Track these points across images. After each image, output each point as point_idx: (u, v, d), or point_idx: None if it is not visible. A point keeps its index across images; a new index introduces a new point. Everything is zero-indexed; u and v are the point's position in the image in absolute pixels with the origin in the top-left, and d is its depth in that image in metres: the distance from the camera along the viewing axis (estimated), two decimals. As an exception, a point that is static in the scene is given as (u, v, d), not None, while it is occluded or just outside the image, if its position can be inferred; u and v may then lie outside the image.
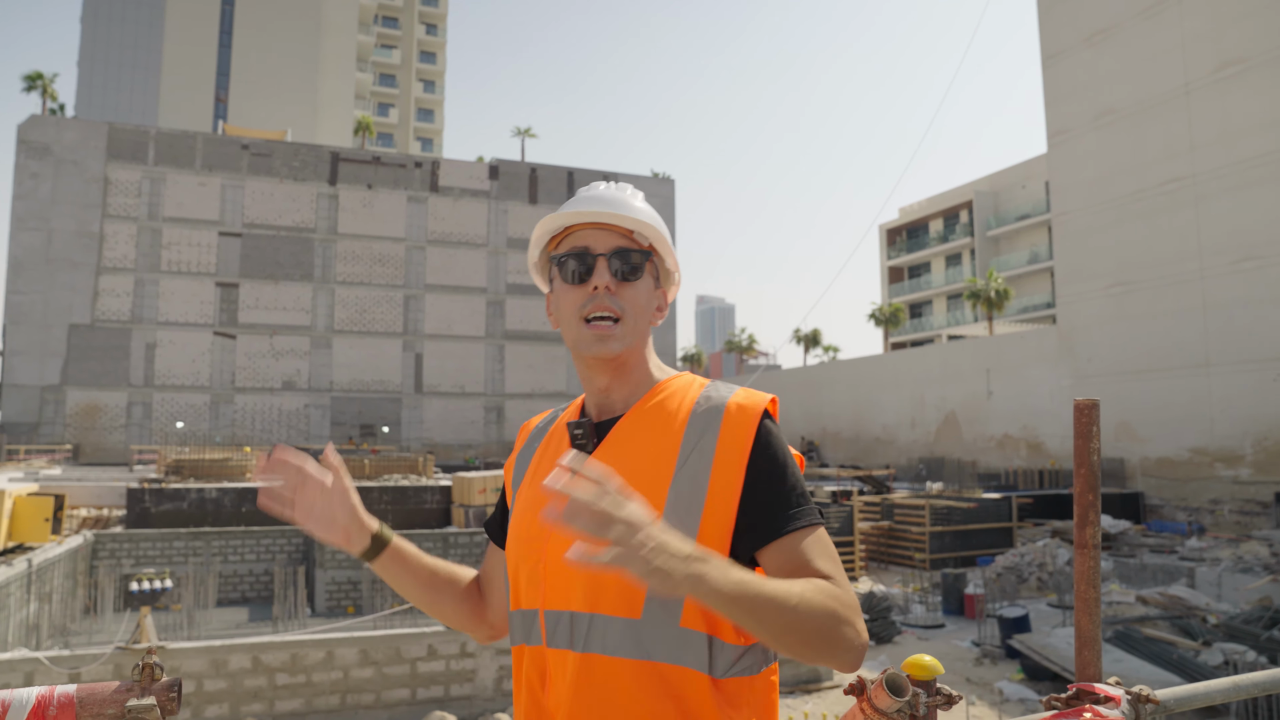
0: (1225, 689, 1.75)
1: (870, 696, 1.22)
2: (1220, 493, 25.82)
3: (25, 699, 0.96)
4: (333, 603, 18.58)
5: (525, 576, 1.34)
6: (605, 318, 1.35)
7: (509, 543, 1.41)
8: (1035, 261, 48.14)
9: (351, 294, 45.67)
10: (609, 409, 1.40)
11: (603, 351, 1.34)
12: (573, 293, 1.37)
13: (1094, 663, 1.50)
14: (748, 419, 1.29)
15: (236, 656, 9.31)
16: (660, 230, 1.41)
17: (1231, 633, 12.75)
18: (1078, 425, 1.51)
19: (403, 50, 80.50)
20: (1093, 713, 1.33)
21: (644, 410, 1.36)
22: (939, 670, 1.24)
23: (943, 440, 37.58)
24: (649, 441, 1.31)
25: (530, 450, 1.49)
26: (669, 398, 1.36)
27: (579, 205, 1.39)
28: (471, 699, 10.11)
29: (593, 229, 1.39)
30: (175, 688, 1.04)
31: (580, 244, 1.38)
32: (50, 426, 39.86)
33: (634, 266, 1.38)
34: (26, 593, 13.59)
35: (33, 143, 41.05)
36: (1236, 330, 25.77)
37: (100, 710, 1.00)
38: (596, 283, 1.35)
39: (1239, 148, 25.90)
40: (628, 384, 1.39)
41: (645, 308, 1.39)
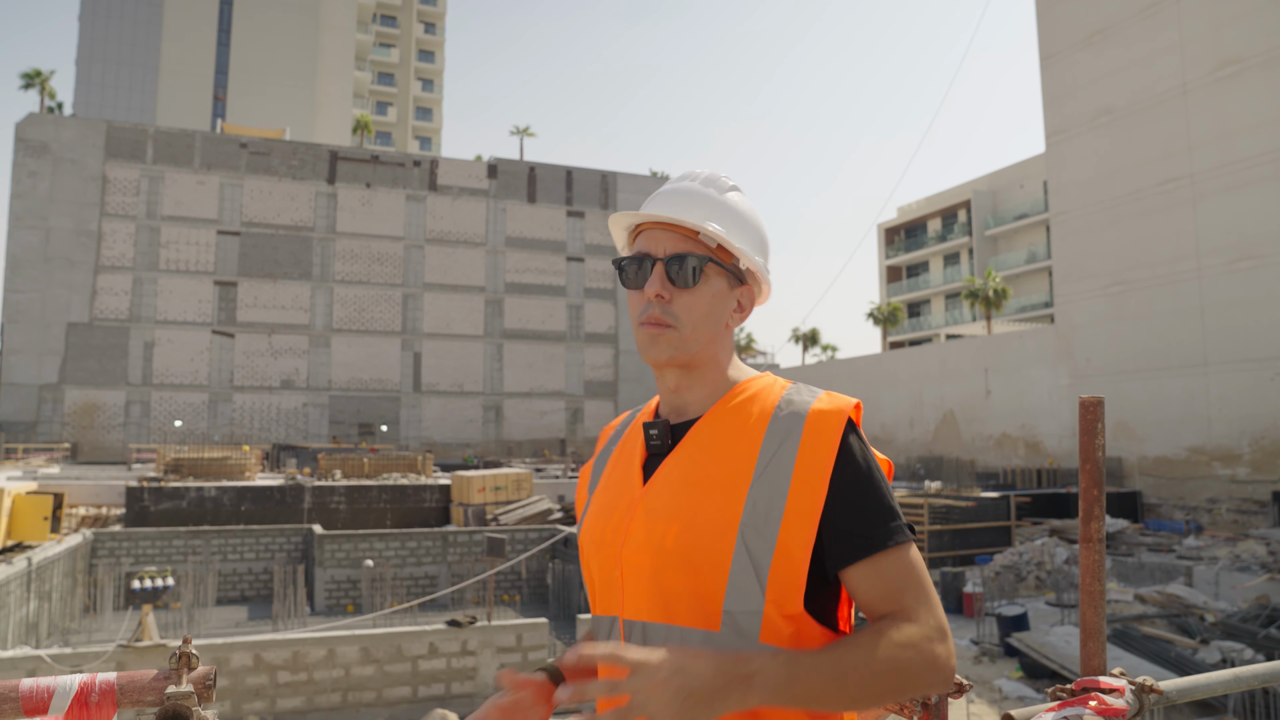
0: (1226, 680, 1.79)
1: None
2: (1218, 492, 25.89)
3: (69, 685, 0.99)
4: (332, 601, 18.60)
5: (601, 581, 1.31)
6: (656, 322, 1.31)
7: (584, 547, 1.37)
8: (1033, 261, 48.20)
9: (350, 293, 45.67)
10: (682, 410, 1.34)
11: (653, 355, 1.31)
12: (634, 297, 1.34)
13: (1099, 654, 1.53)
14: (831, 428, 1.23)
15: (238, 654, 9.33)
16: (737, 228, 1.34)
17: (1229, 631, 12.80)
18: (1083, 422, 1.54)
19: (401, 49, 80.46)
20: (1098, 700, 1.36)
21: (722, 413, 1.30)
22: (949, 660, 1.27)
23: (941, 439, 37.64)
24: (726, 445, 1.25)
25: (607, 453, 1.45)
26: (749, 400, 1.30)
27: (652, 203, 1.36)
28: (473, 697, 10.14)
29: (659, 229, 1.34)
30: (211, 677, 1.07)
31: (643, 247, 1.34)
32: (48, 425, 39.84)
33: (690, 272, 1.30)
34: (26, 591, 13.59)
35: (31, 141, 41.02)
36: (1234, 329, 25.83)
37: (140, 697, 1.03)
38: (649, 290, 1.30)
39: (1236, 147, 25.96)
40: (700, 385, 1.34)
41: (708, 314, 1.32)
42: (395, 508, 24.20)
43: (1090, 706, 1.37)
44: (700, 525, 1.20)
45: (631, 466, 1.34)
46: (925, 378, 39.16)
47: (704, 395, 1.33)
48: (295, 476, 26.69)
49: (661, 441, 1.31)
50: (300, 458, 33.39)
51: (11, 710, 0.98)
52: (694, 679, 1.02)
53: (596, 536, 1.32)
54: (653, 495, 1.27)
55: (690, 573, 1.19)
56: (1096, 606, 1.55)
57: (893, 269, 60.93)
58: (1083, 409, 1.54)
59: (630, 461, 1.35)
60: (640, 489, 1.29)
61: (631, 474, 1.33)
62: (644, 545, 1.24)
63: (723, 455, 1.25)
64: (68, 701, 0.99)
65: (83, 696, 1.00)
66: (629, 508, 1.29)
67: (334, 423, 44.49)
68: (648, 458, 1.33)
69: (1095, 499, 1.55)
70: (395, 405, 45.85)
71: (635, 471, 1.32)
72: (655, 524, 1.24)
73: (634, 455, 1.35)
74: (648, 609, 1.23)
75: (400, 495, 24.48)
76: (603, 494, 1.37)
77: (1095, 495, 1.55)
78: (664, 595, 1.22)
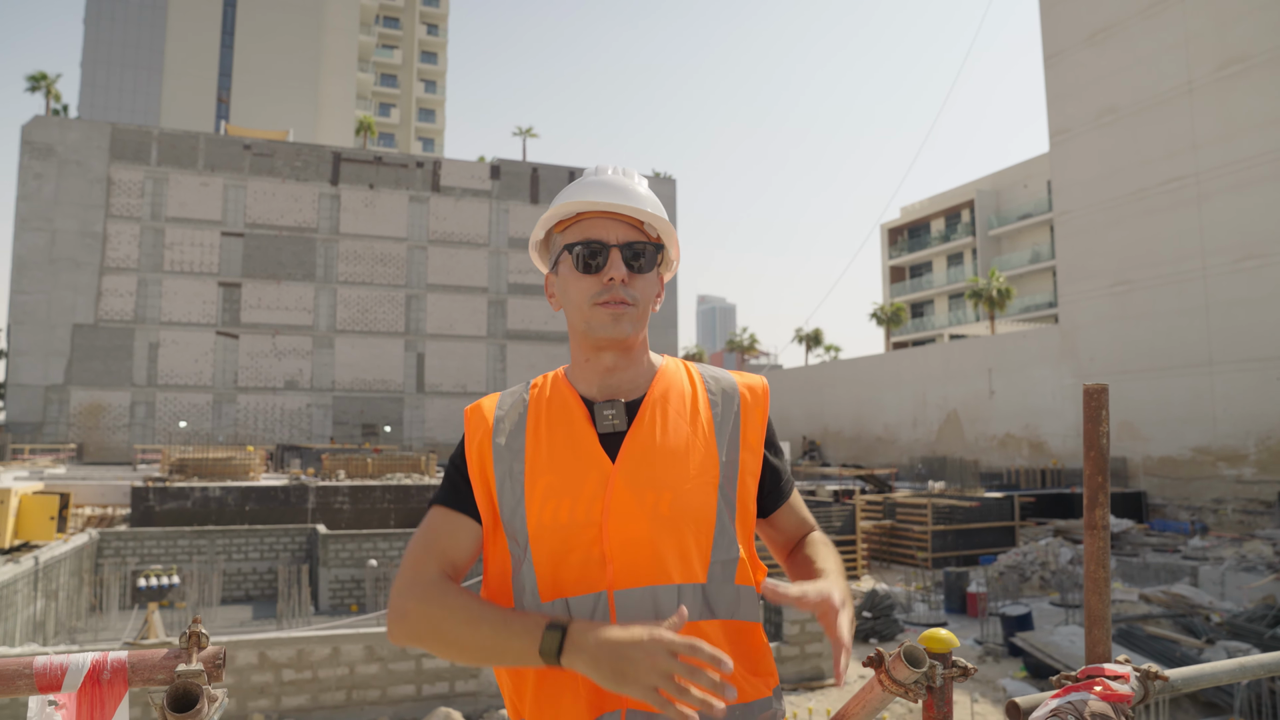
0: (1231, 670, 1.79)
1: (889, 668, 1.26)
2: (1223, 492, 25.83)
3: (81, 663, 1.00)
4: (336, 600, 18.62)
5: (576, 562, 1.31)
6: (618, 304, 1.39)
7: (536, 533, 1.33)
8: (1037, 261, 48.14)
9: (353, 294, 45.72)
10: (611, 390, 1.43)
11: (616, 332, 1.38)
12: (584, 281, 1.39)
13: (1104, 641, 1.53)
14: (761, 401, 1.48)
15: (243, 653, 9.35)
16: (667, 221, 1.44)
17: (1235, 631, 12.77)
18: (1087, 409, 1.55)
19: (404, 50, 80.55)
20: (1103, 685, 1.36)
21: (663, 392, 1.43)
22: (955, 644, 1.28)
23: (945, 440, 37.60)
24: (682, 422, 1.40)
25: (515, 433, 1.42)
26: (677, 380, 1.47)
27: (589, 192, 1.39)
28: (476, 695, 10.15)
29: (604, 218, 1.40)
30: (220, 657, 1.08)
31: (593, 234, 1.40)
32: (54, 426, 39.93)
33: (645, 259, 1.41)
34: (33, 590, 13.64)
35: (36, 143, 41.12)
36: (1239, 329, 25.78)
37: (150, 675, 1.04)
38: (612, 274, 1.37)
39: (1241, 146, 25.90)
40: (632, 366, 1.44)
41: (651, 295, 1.44)
42: (399, 508, 24.21)
43: (1095, 692, 1.38)
44: (689, 490, 1.34)
45: (586, 445, 1.38)
46: (929, 378, 39.12)
47: (635, 375, 1.45)
48: (299, 477, 26.73)
49: (619, 420, 1.39)
50: (304, 458, 33.43)
51: (26, 686, 0.99)
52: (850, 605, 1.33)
53: (564, 518, 1.32)
54: (630, 469, 1.34)
55: (687, 533, 1.33)
56: (1101, 594, 1.55)
57: (896, 269, 60.87)
58: (1086, 396, 1.55)
59: (578, 440, 1.38)
60: (610, 465, 1.35)
61: (590, 452, 1.37)
62: (636, 516, 1.32)
63: (683, 427, 1.40)
64: (80, 678, 1.00)
65: (95, 674, 1.01)
66: (601, 484, 1.33)
67: (338, 423, 44.55)
68: (600, 437, 1.39)
69: (1100, 485, 1.55)
70: (399, 406, 45.89)
71: (594, 449, 1.37)
72: (645, 494, 1.33)
73: (581, 434, 1.38)
74: (641, 575, 1.30)
75: (404, 495, 24.50)
76: (549, 476, 1.35)
77: (1100, 482, 1.55)
78: (661, 559, 1.30)
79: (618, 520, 1.31)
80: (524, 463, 1.38)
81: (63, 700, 1.02)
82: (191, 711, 1.00)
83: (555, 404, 1.43)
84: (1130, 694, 1.39)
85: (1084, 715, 1.31)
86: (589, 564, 1.31)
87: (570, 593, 1.31)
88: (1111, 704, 1.35)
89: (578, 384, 1.45)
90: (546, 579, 1.32)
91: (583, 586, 1.31)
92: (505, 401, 1.48)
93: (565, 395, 1.44)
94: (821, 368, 48.63)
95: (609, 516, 1.31)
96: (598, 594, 1.30)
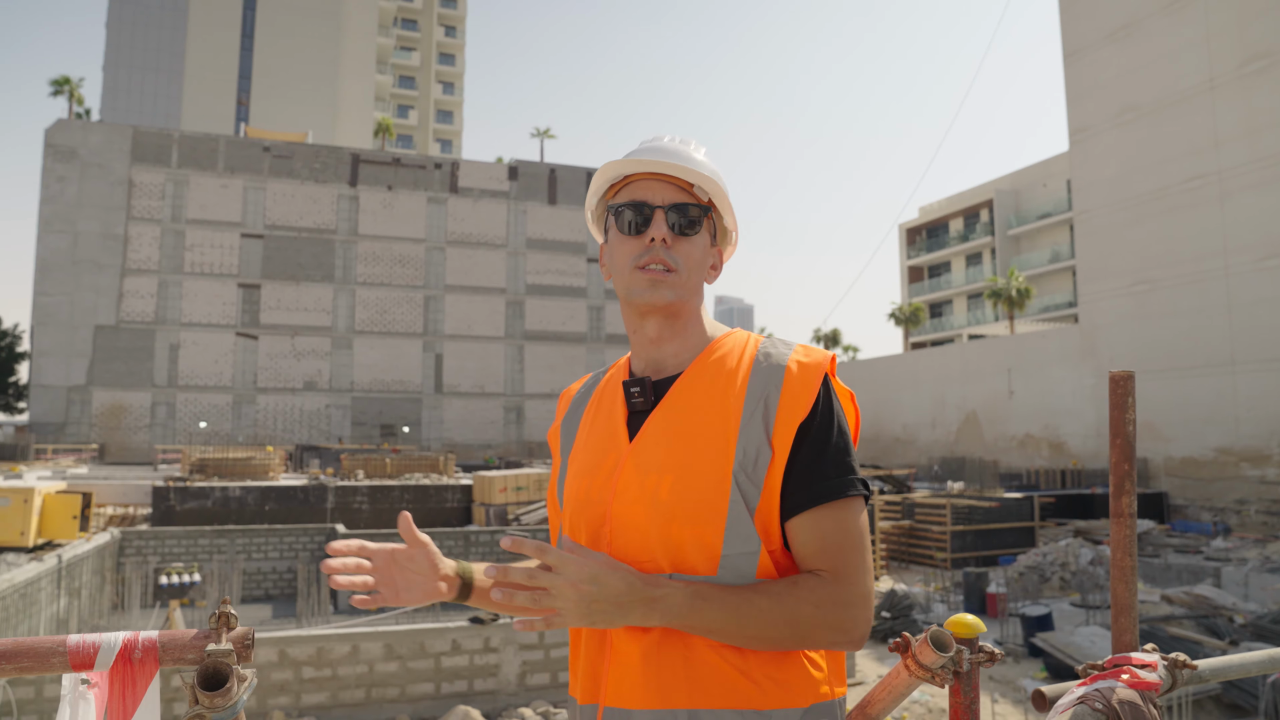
0: (1261, 661, 1.77)
1: (915, 653, 1.25)
2: (1246, 493, 25.55)
3: (113, 642, 1.01)
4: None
5: (585, 542, 1.31)
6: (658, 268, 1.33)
7: (566, 508, 1.37)
8: (1056, 260, 47.79)
9: (372, 295, 45.95)
10: (660, 365, 1.37)
11: (654, 298, 1.32)
12: (628, 243, 1.35)
13: (1130, 630, 1.52)
14: (811, 379, 1.27)
15: (264, 650, 9.41)
16: (721, 186, 1.38)
17: (1259, 632, 12.64)
18: (1113, 396, 1.54)
19: (422, 52, 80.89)
20: (1130, 673, 1.35)
21: (703, 368, 1.33)
22: (981, 629, 1.27)
23: (964, 440, 37.39)
24: (711, 398, 1.29)
25: (577, 414, 1.47)
26: (727, 355, 1.34)
27: (640, 155, 1.37)
28: (495, 694, 10.18)
29: (652, 180, 1.36)
30: (250, 637, 1.09)
31: (638, 195, 1.35)
32: (76, 426, 40.35)
33: (691, 221, 1.34)
34: (57, 588, 13.79)
35: (59, 146, 41.58)
36: (1262, 328, 25.49)
37: (181, 655, 1.05)
38: (654, 234, 1.32)
39: (1264, 143, 25.63)
40: (680, 337, 1.37)
41: (700, 263, 1.37)
42: (417, 508, 24.31)
43: (1123, 680, 1.37)
44: (694, 475, 1.23)
45: (614, 425, 1.36)
46: (947, 378, 38.91)
47: (683, 348, 1.37)
48: (318, 477, 26.89)
49: (645, 398, 1.34)
50: (323, 458, 33.62)
51: (60, 664, 1.00)
52: (605, 589, 1.12)
53: (582, 496, 1.33)
54: (641, 450, 1.29)
55: (686, 522, 1.22)
56: (1128, 582, 1.54)
57: (914, 269, 60.60)
58: (1113, 383, 1.54)
59: (611, 420, 1.37)
60: (627, 445, 1.31)
61: (615, 432, 1.35)
62: (636, 499, 1.26)
63: (709, 407, 1.28)
64: (112, 657, 1.01)
65: (126, 653, 1.02)
66: (615, 465, 1.31)
67: (356, 424, 44.78)
68: (630, 415, 1.35)
69: (1126, 473, 1.54)
70: (417, 406, 46.08)
71: (619, 429, 1.34)
72: (647, 478, 1.26)
73: (615, 414, 1.37)
74: (639, 561, 1.25)
75: (422, 495, 24.59)
76: (583, 454, 1.38)
77: (1126, 470, 1.54)
78: (662, 545, 1.24)
79: (621, 503, 1.27)
80: (573, 441, 1.43)
81: (95, 679, 1.04)
82: (222, 690, 1.01)
83: (611, 383, 1.44)
84: (1158, 682, 1.37)
85: (1111, 702, 1.30)
86: (595, 544, 1.30)
87: None
88: (1139, 692, 1.34)
89: (633, 361, 1.42)
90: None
91: None
92: (588, 383, 1.52)
93: (618, 375, 1.44)
94: (840, 368, 48.39)
95: (614, 498, 1.28)
96: None
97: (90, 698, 1.03)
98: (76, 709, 1.01)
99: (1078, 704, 1.31)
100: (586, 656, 1.29)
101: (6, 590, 11.54)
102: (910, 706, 10.81)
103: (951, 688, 1.26)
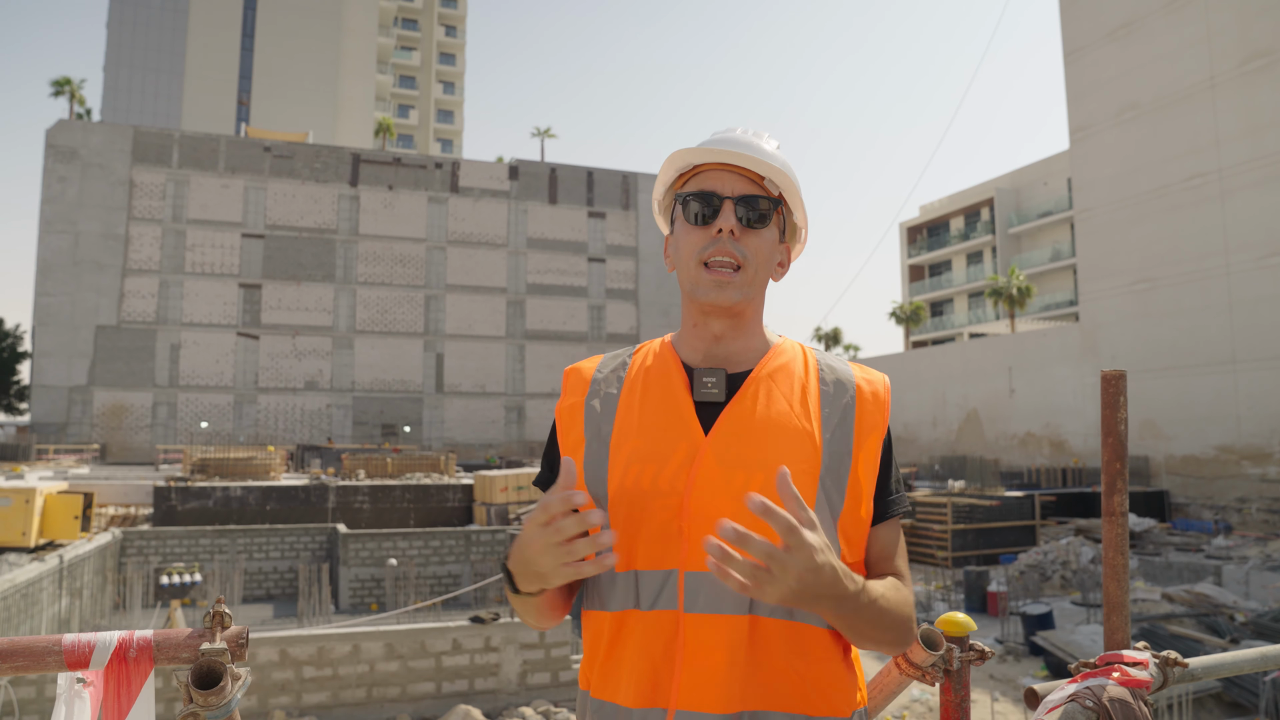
0: (1253, 659, 1.78)
1: (906, 651, 1.26)
2: (1247, 491, 25.55)
3: (108, 641, 1.02)
4: (356, 600, 18.74)
5: (649, 534, 1.24)
6: (725, 264, 1.29)
7: (615, 497, 1.27)
8: (1057, 259, 47.78)
9: (373, 294, 45.97)
10: (717, 359, 1.33)
11: (719, 299, 1.29)
12: (694, 234, 1.31)
13: (1122, 628, 1.53)
14: (881, 405, 1.31)
15: (264, 649, 9.42)
16: (793, 180, 1.34)
17: (1260, 630, 12.64)
18: (1105, 395, 1.54)
19: (422, 52, 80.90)
20: (1120, 671, 1.36)
21: (773, 370, 1.32)
22: (972, 627, 1.28)
23: (965, 439, 37.39)
24: (788, 404, 1.28)
25: (609, 394, 1.36)
26: (790, 361, 1.34)
27: (712, 144, 1.33)
28: (496, 693, 10.19)
29: (722, 170, 1.32)
30: (244, 636, 1.10)
31: (708, 185, 1.31)
32: (78, 426, 40.39)
33: (761, 214, 1.31)
34: (58, 588, 13.81)
35: (60, 147, 41.61)
36: (1263, 326, 25.49)
37: (175, 654, 1.06)
38: (721, 225, 1.28)
39: (1266, 141, 25.61)
40: (743, 336, 1.34)
41: (769, 259, 1.33)
42: (418, 507, 24.34)
43: (1113, 677, 1.38)
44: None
45: (680, 413, 1.29)
46: (948, 377, 38.91)
47: (745, 348, 1.34)
48: (319, 476, 26.91)
49: (719, 390, 1.29)
50: (324, 458, 33.66)
51: (55, 663, 1.01)
52: (821, 577, 1.06)
53: (646, 485, 1.25)
54: (723, 443, 1.24)
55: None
56: (1120, 580, 1.55)
57: (915, 268, 60.58)
58: (1105, 382, 1.54)
59: (674, 408, 1.30)
60: (702, 437, 1.26)
61: (684, 420, 1.28)
62: (722, 492, 1.21)
63: (788, 409, 1.27)
64: (107, 656, 1.02)
65: (122, 652, 1.03)
66: (690, 455, 1.25)
67: (357, 424, 44.81)
68: (696, 405, 1.29)
69: (1118, 472, 1.55)
70: (418, 406, 46.10)
71: (689, 418, 1.28)
72: (735, 472, 1.22)
73: (677, 401, 1.30)
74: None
75: (423, 495, 24.62)
76: (636, 440, 1.29)
77: (1118, 469, 1.55)
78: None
79: (702, 495, 1.22)
80: (613, 425, 1.32)
81: (90, 678, 1.04)
82: (215, 689, 1.02)
83: (656, 369, 1.36)
84: (1149, 680, 1.38)
85: (1101, 700, 1.30)
86: (665, 538, 1.23)
87: (642, 565, 1.24)
88: (1130, 689, 1.35)
89: (683, 350, 1.37)
90: (621, 548, 1.25)
91: (654, 561, 1.23)
92: (607, 364, 1.41)
93: (668, 360, 1.36)
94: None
95: (693, 490, 1.22)
96: (669, 571, 1.22)
97: (86, 696, 1.04)
98: (72, 708, 1.02)
99: (1069, 701, 1.32)
100: (644, 657, 1.21)
101: (8, 590, 11.56)
102: (911, 705, 10.82)
103: (942, 685, 1.27)
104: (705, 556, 1.13)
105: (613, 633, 1.25)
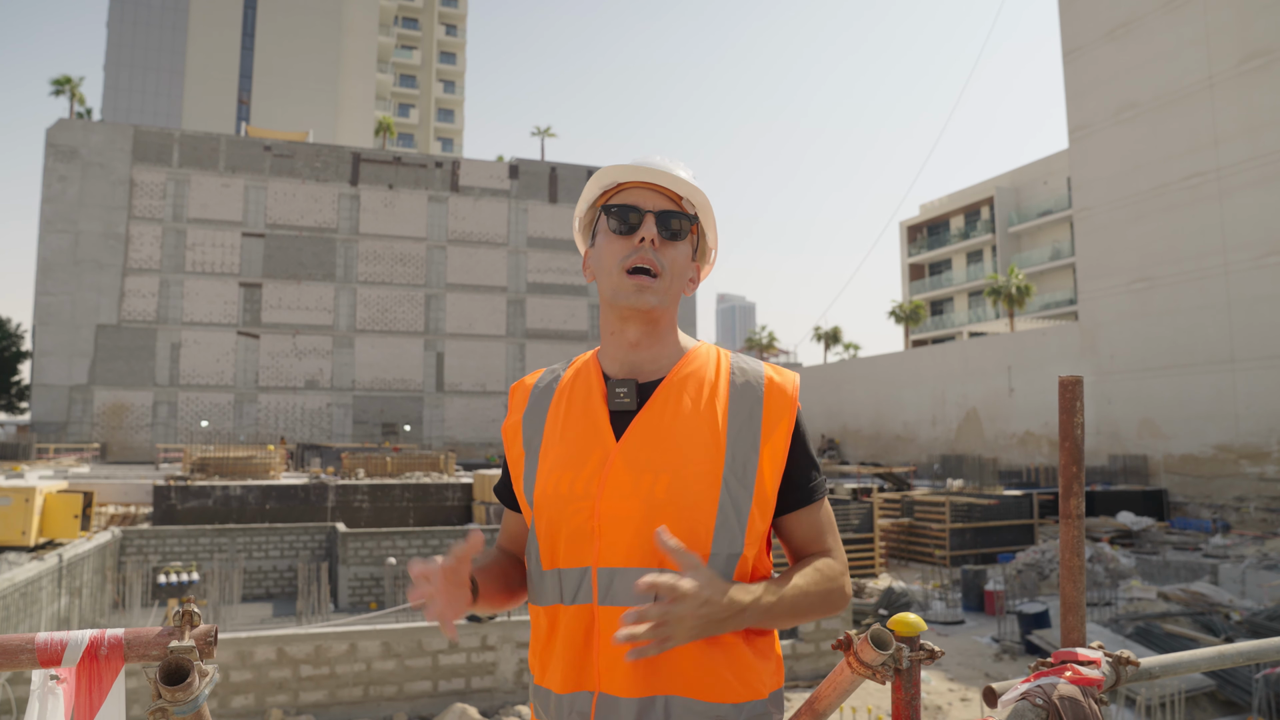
0: (1210, 658, 1.81)
1: (856, 651, 1.30)
2: (1246, 490, 25.57)
3: (80, 639, 1.06)
4: (355, 599, 18.77)
5: (567, 535, 1.35)
6: (645, 271, 1.40)
7: (540, 501, 1.40)
8: (1057, 258, 47.79)
9: (373, 293, 46.02)
10: (634, 368, 1.44)
11: (639, 302, 1.39)
12: (618, 243, 1.42)
13: (1078, 628, 1.57)
14: (788, 401, 1.42)
15: (262, 648, 9.46)
16: (706, 203, 1.47)
17: (1255, 629, 12.66)
18: (1061, 401, 1.58)
19: (423, 51, 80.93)
20: (1073, 670, 1.40)
21: (684, 375, 1.42)
22: (922, 627, 1.32)
23: (964, 438, 37.41)
24: (695, 407, 1.38)
25: (540, 408, 1.49)
26: (702, 366, 1.44)
27: (631, 165, 1.45)
28: (492, 691, 10.23)
29: (644, 189, 1.44)
30: (212, 635, 1.14)
31: (632, 200, 1.43)
32: (78, 425, 40.45)
33: (679, 229, 1.43)
34: (57, 587, 13.85)
35: (61, 146, 41.66)
36: (1262, 326, 25.50)
37: (145, 652, 1.10)
38: (644, 234, 1.40)
39: (1264, 141, 25.62)
40: (657, 345, 1.45)
41: (683, 271, 1.44)
42: (418, 506, 24.38)
43: (1065, 677, 1.41)
44: (689, 475, 1.32)
45: (596, 422, 1.40)
46: (948, 376, 38.93)
47: (659, 355, 1.45)
48: (319, 475, 26.96)
49: (630, 399, 1.40)
50: (324, 457, 33.71)
51: (28, 660, 1.05)
52: (714, 609, 1.20)
53: (564, 491, 1.36)
54: (632, 449, 1.35)
55: (681, 520, 1.30)
56: (1076, 581, 1.58)
57: (915, 266, 60.60)
58: (1061, 388, 1.58)
59: (591, 417, 1.41)
60: (614, 443, 1.37)
61: (599, 429, 1.39)
62: (630, 495, 1.32)
63: (695, 414, 1.38)
64: (79, 653, 1.05)
65: (93, 650, 1.07)
66: (602, 461, 1.35)
67: (358, 422, 44.86)
68: (611, 415, 1.41)
69: (1075, 476, 1.58)
70: (418, 405, 46.16)
71: (603, 426, 1.39)
72: (642, 475, 1.33)
73: (594, 411, 1.42)
74: (630, 556, 1.31)
75: (423, 494, 24.66)
76: (559, 448, 1.41)
77: (1075, 472, 1.59)
78: (649, 542, 1.30)
79: (611, 498, 1.32)
80: (542, 435, 1.46)
81: (63, 674, 1.08)
82: (183, 685, 1.05)
83: (580, 380, 1.49)
84: (1100, 678, 1.42)
85: (1051, 698, 1.34)
86: (581, 538, 1.33)
87: (563, 564, 1.35)
88: (1081, 688, 1.38)
89: (605, 361, 1.48)
90: (546, 549, 1.38)
91: (573, 560, 1.34)
92: (545, 377, 1.55)
93: (590, 372, 1.48)
94: (840, 366, 48.49)
95: (604, 493, 1.33)
96: (585, 569, 1.33)
97: (59, 693, 1.08)
98: (45, 704, 1.06)
99: (1020, 699, 1.36)
100: (570, 646, 1.33)
101: (7, 589, 11.61)
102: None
103: (893, 684, 1.30)
104: (616, 554, 1.30)
105: (548, 625, 1.38)
